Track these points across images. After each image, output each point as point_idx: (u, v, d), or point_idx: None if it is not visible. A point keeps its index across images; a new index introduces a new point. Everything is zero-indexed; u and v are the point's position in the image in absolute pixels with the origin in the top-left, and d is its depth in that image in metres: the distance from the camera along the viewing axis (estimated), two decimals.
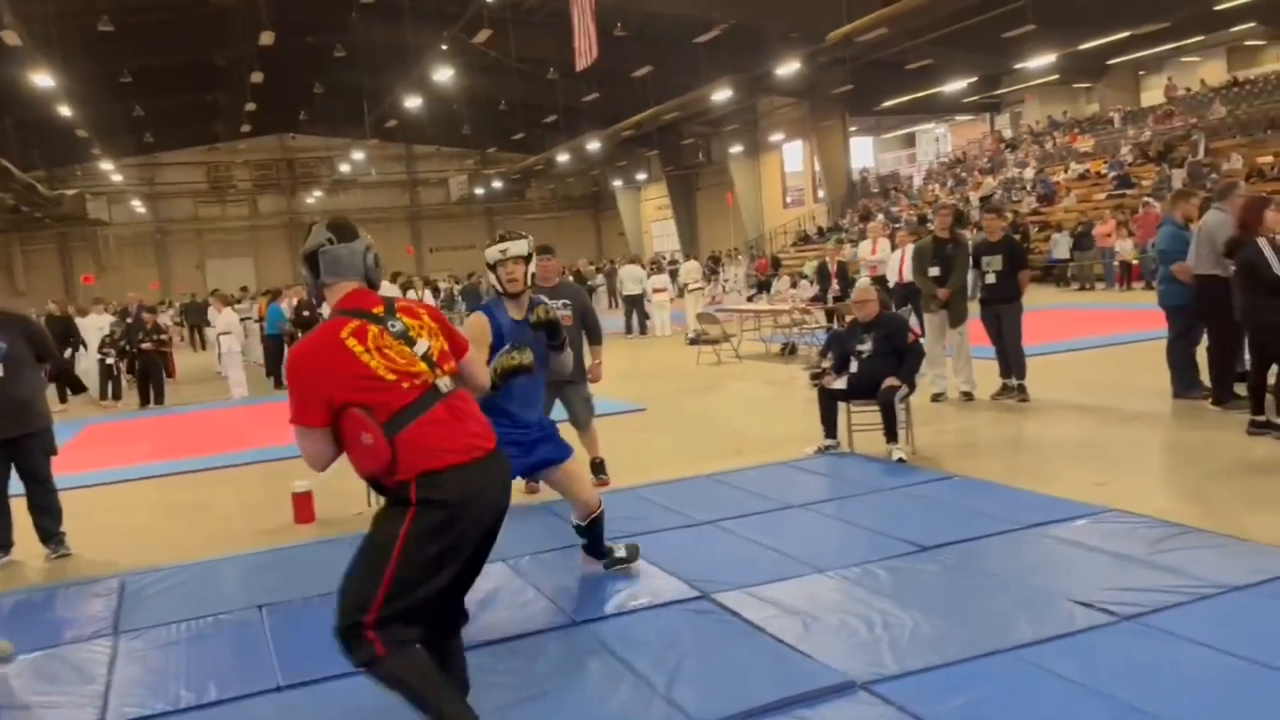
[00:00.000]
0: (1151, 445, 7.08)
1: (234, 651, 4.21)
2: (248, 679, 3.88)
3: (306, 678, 3.85)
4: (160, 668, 4.10)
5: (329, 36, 29.87)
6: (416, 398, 2.97)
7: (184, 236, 46.08)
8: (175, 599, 4.99)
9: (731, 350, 14.08)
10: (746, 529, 5.42)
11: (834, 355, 7.48)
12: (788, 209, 38.97)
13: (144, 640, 4.43)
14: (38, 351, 6.18)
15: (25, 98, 24.41)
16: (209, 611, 4.70)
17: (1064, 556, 4.66)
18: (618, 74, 30.22)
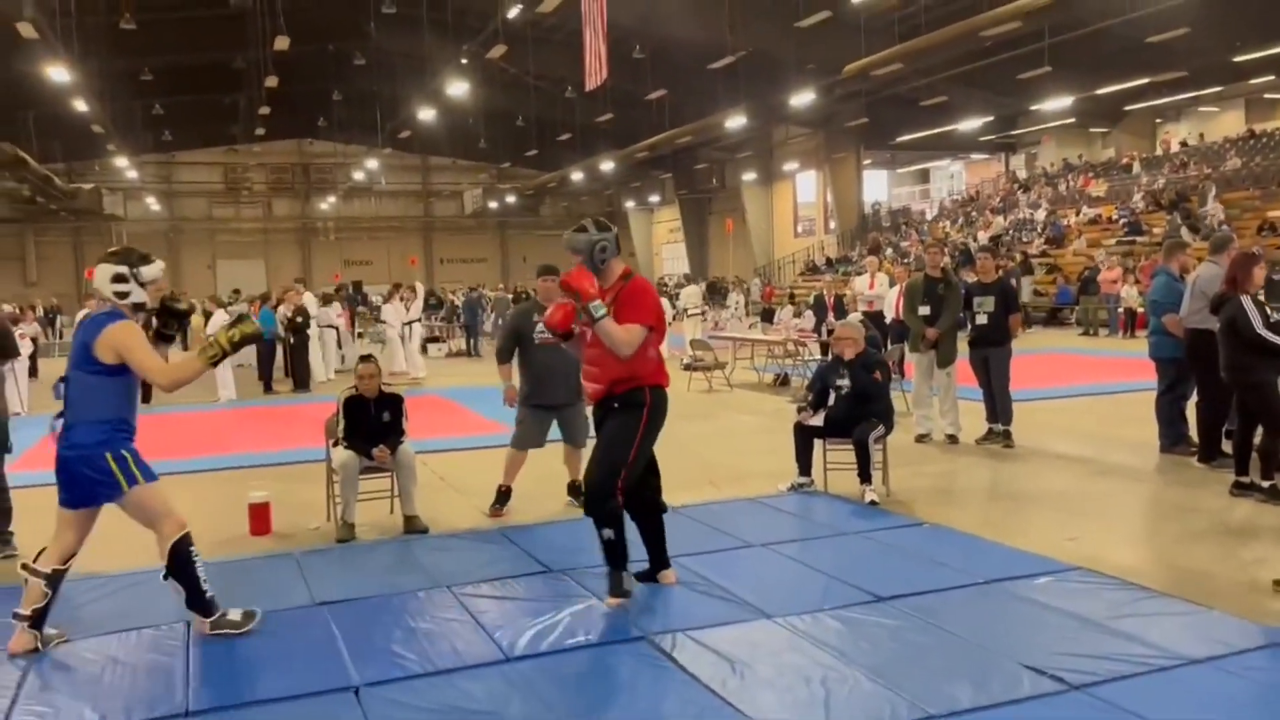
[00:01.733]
0: (1130, 501, 6.91)
1: (150, 671, 4.07)
2: (155, 702, 3.74)
3: (216, 704, 3.71)
4: (71, 686, 3.97)
5: (349, 45, 30.02)
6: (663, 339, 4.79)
7: (197, 236, 46.27)
8: (107, 609, 4.86)
9: (724, 378, 13.94)
10: (700, 566, 5.26)
11: (815, 390, 7.35)
12: (798, 238, 38.92)
13: (64, 653, 4.30)
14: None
15: (47, 91, 24.53)
16: (137, 624, 4.56)
17: (1022, 616, 4.50)
18: (634, 96, 30.26)
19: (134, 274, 4.39)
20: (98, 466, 4.19)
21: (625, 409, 4.65)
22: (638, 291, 4.66)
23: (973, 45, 20.98)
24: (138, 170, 41.11)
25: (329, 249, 48.08)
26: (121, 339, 4.23)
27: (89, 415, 4.25)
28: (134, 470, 4.26)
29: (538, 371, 6.61)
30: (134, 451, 4.31)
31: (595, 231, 4.69)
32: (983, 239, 27.22)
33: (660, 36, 25.71)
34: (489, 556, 5.69)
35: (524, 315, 6.77)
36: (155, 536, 4.37)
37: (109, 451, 4.20)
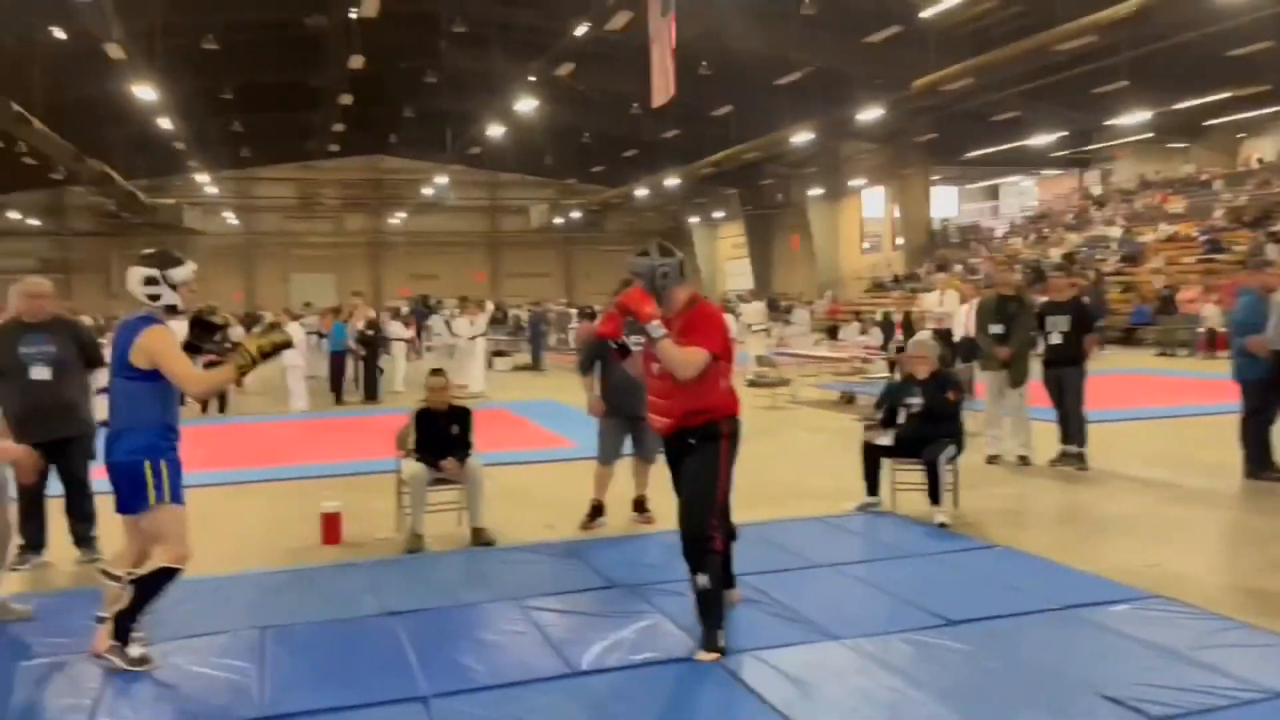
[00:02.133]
0: (1212, 527, 6.69)
1: (225, 676, 4.17)
2: (230, 707, 3.83)
3: (290, 709, 3.79)
4: (149, 689, 4.07)
5: (421, 63, 30.58)
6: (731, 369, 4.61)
7: (271, 250, 47.40)
8: (183, 614, 4.96)
9: (789, 395, 13.85)
10: (767, 585, 5.23)
11: (884, 409, 7.27)
12: (865, 254, 38.56)
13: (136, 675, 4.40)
14: (87, 357, 6.30)
15: (133, 110, 25.44)
16: (211, 630, 4.68)
17: (1100, 644, 4.38)
18: (699, 112, 30.32)
19: (164, 276, 4.35)
20: (134, 474, 4.16)
21: (703, 444, 4.47)
22: (703, 317, 4.49)
23: (1047, 59, 20.64)
24: (216, 186, 42.30)
25: (398, 263, 48.90)
26: (153, 344, 4.20)
27: (131, 422, 4.22)
28: (165, 487, 4.19)
29: (617, 383, 6.62)
30: (174, 464, 4.26)
31: (658, 256, 4.50)
32: (1055, 256, 26.69)
33: (727, 52, 25.73)
34: (555, 570, 5.72)
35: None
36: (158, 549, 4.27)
37: (148, 459, 4.17)
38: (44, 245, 43.80)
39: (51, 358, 6.00)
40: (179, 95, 25.89)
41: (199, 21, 23.56)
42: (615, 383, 6.66)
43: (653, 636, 4.54)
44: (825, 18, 22.81)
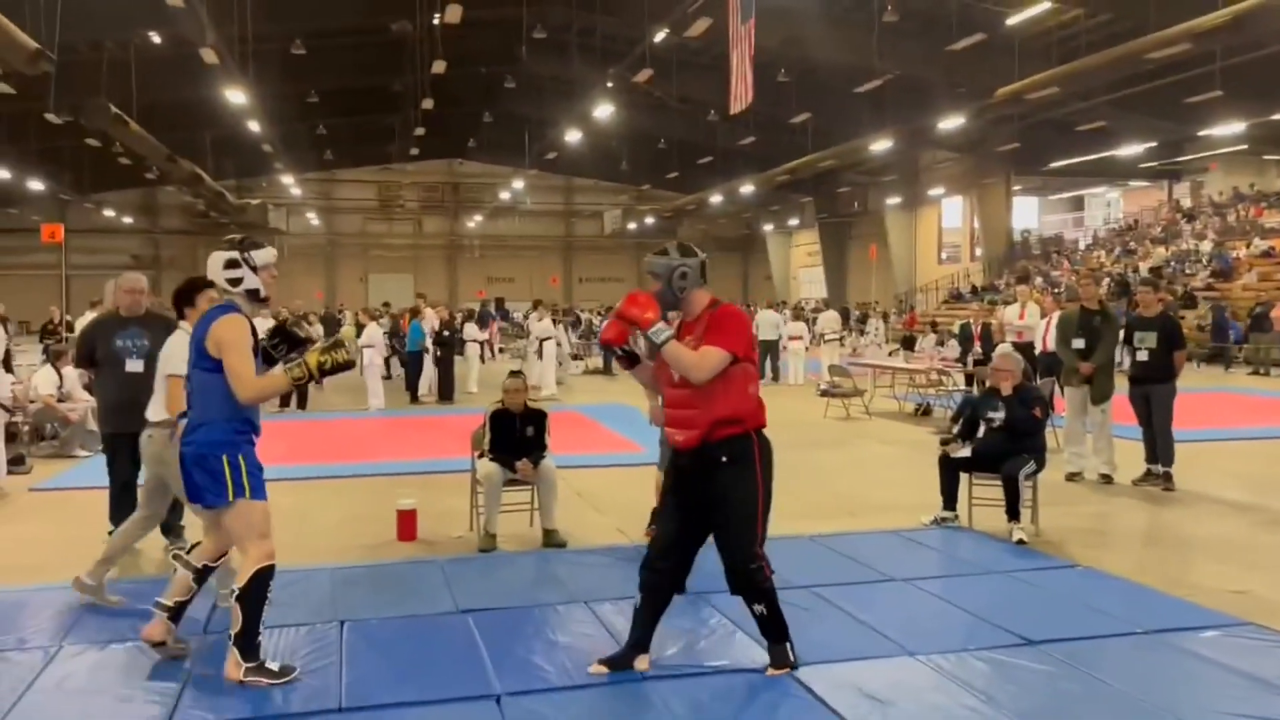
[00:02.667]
0: None
1: (308, 665, 4.25)
2: (310, 697, 3.91)
3: (369, 702, 3.85)
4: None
5: (501, 68, 31.00)
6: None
7: (351, 250, 48.45)
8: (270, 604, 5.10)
9: (862, 406, 13.68)
10: (841, 598, 5.17)
11: (963, 422, 7.15)
12: (942, 265, 37.95)
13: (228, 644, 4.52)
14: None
15: (224, 113, 26.26)
16: (291, 622, 4.78)
17: (1186, 670, 4.25)
18: (776, 119, 30.17)
19: (245, 258, 4.19)
20: (211, 468, 4.02)
21: (735, 465, 4.01)
22: (725, 317, 4.08)
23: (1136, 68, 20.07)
24: (300, 187, 43.38)
25: (474, 265, 49.59)
26: (222, 333, 4.01)
27: (209, 414, 4.06)
28: (245, 482, 4.05)
29: None
30: (252, 459, 4.12)
31: (678, 255, 4.13)
32: (1143, 270, 25.95)
33: (807, 60, 25.58)
34: (625, 574, 5.70)
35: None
36: (237, 553, 4.18)
37: (226, 454, 4.03)
38: (136, 242, 45.38)
39: (145, 351, 6.20)
40: (267, 98, 26.61)
41: (288, 27, 24.20)
42: None
43: (724, 644, 4.52)
44: (907, 26, 22.54)
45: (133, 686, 4.09)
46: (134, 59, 23.36)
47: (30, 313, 34.15)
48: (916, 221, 38.55)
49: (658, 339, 3.94)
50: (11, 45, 15.61)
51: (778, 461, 4.22)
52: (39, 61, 15.99)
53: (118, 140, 26.33)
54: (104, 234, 43.24)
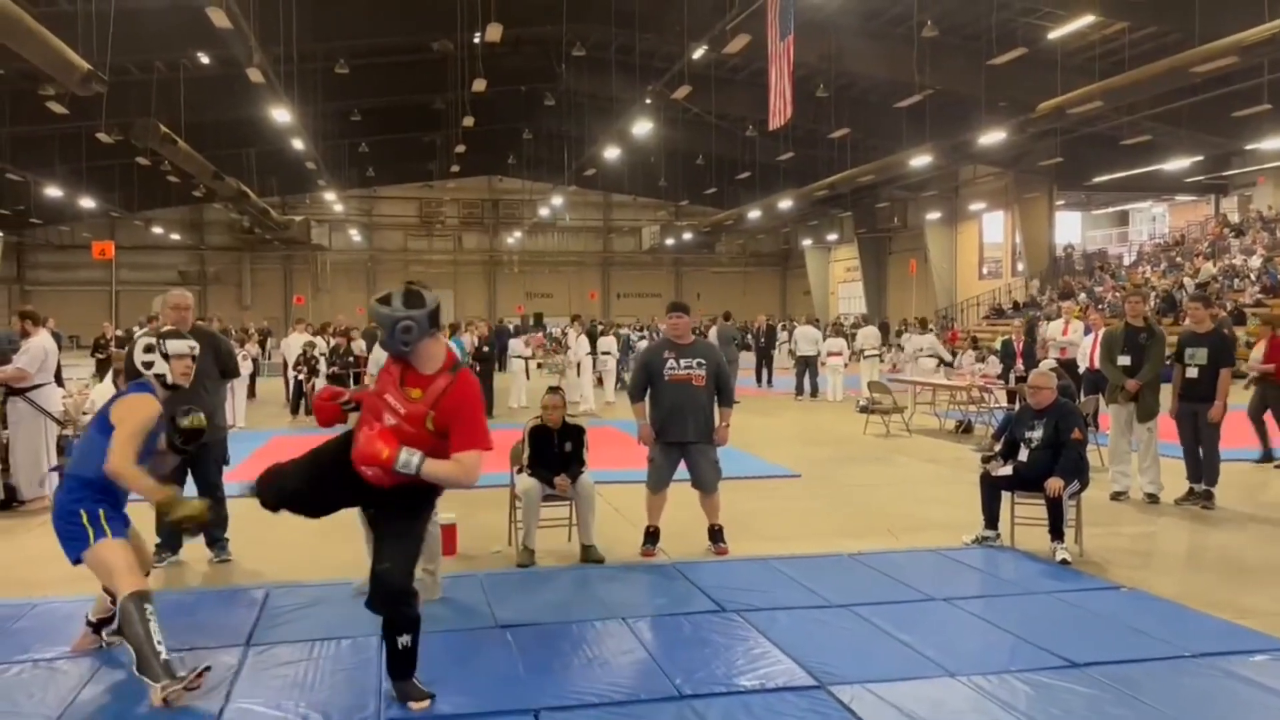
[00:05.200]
0: None
1: (347, 678, 4.30)
2: (351, 710, 3.95)
3: (407, 715, 3.88)
4: (276, 687, 4.23)
5: (539, 86, 31.27)
6: None
7: (392, 266, 48.96)
8: (307, 618, 5.17)
9: (902, 423, 13.57)
10: (881, 617, 5.12)
11: (1004, 440, 7.08)
12: (983, 280, 37.60)
13: (270, 657, 4.59)
14: (222, 368, 6.61)
15: (269, 131, 26.74)
16: (334, 635, 4.83)
17: (1235, 695, 4.16)
18: (815, 134, 30.13)
19: (160, 345, 4.52)
20: (72, 522, 4.21)
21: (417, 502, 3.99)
22: (468, 403, 3.80)
23: (1182, 81, 19.80)
24: (343, 204, 44.00)
25: (513, 281, 49.91)
26: (122, 409, 4.30)
27: (85, 470, 4.27)
28: (104, 526, 4.22)
29: (667, 409, 6.57)
30: (112, 511, 4.29)
31: (401, 307, 3.82)
32: (1189, 286, 25.52)
33: (846, 75, 25.56)
34: (663, 591, 5.72)
35: (654, 353, 6.76)
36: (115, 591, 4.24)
37: (84, 509, 4.22)
38: (183, 258, 46.23)
39: None
40: (311, 117, 27.07)
41: (332, 47, 24.63)
42: (665, 409, 6.58)
43: (761, 663, 4.49)
44: (948, 40, 22.44)
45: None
46: (183, 79, 23.89)
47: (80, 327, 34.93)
48: (957, 236, 38.25)
49: (409, 471, 3.69)
50: (65, 66, 16.02)
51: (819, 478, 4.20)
52: (91, 82, 16.40)
53: (166, 158, 26.89)
54: (152, 250, 44.12)
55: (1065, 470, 6.41)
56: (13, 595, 5.65)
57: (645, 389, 6.68)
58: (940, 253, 38.10)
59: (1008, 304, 33.41)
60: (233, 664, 4.46)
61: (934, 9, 21.13)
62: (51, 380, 8.78)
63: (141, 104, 23.78)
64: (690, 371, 6.55)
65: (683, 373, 6.54)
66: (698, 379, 6.55)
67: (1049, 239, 34.55)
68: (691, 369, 6.56)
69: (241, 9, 16.85)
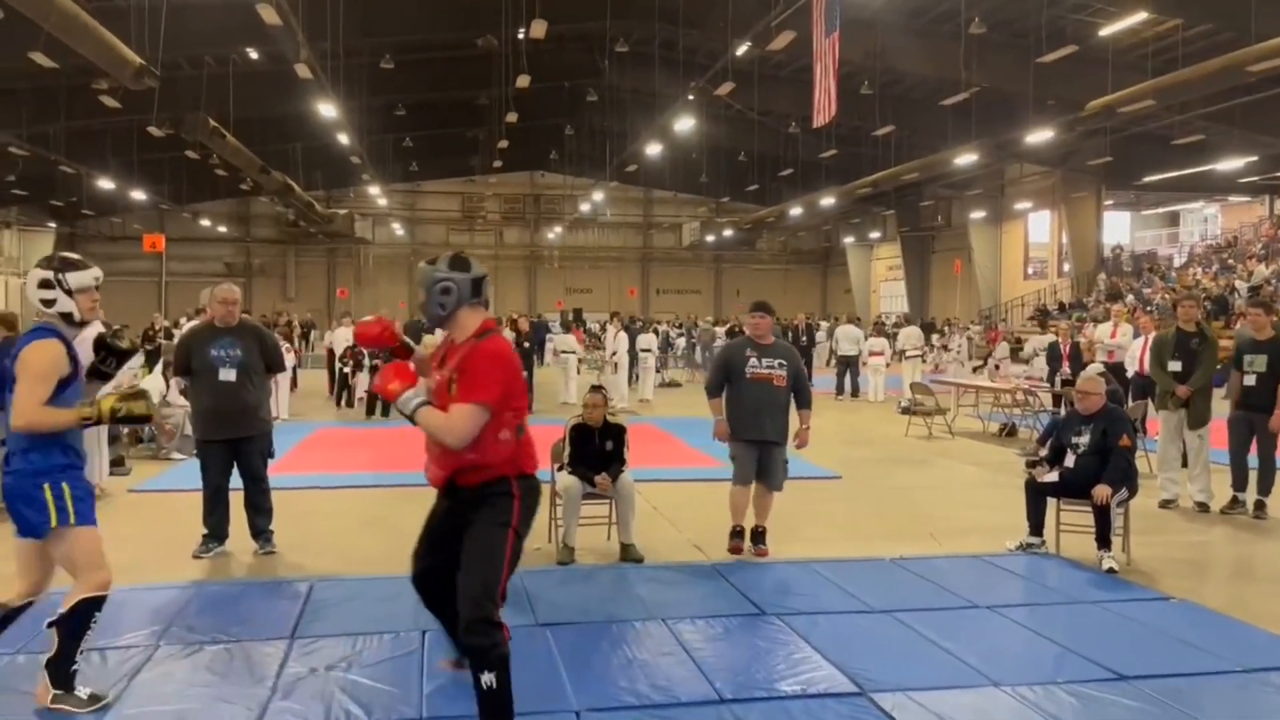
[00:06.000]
0: None
1: (390, 673, 4.34)
2: (395, 704, 3.98)
3: (448, 713, 3.90)
4: (320, 680, 4.28)
5: (582, 82, 31.29)
6: (527, 413, 3.79)
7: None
8: (351, 611, 5.22)
9: (945, 425, 13.43)
10: (923, 624, 5.07)
11: (1050, 445, 6.97)
12: (1028, 280, 37.08)
13: (314, 649, 4.64)
14: (268, 362, 6.70)
15: (315, 125, 27.03)
16: (378, 629, 4.88)
17: None
18: (859, 131, 29.85)
19: (59, 279, 3.93)
20: (32, 496, 3.77)
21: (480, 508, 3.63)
22: (483, 358, 3.55)
23: (1237, 80, 19.35)
24: (386, 198, 44.32)
25: (553, 276, 50.03)
26: (23, 355, 3.80)
27: (26, 441, 3.80)
28: (70, 508, 3.79)
29: (747, 407, 6.56)
30: (77, 485, 3.85)
31: (444, 268, 3.70)
32: (1241, 288, 24.99)
33: (891, 72, 25.29)
34: (703, 592, 5.71)
35: (735, 351, 6.75)
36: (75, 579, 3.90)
37: (47, 482, 3.77)
38: (229, 251, 46.85)
39: (238, 361, 6.40)
40: (356, 112, 27.28)
41: (378, 43, 24.81)
42: (745, 408, 6.56)
43: (802, 668, 4.47)
44: (996, 37, 22.12)
45: (226, 686, 4.21)
46: (232, 74, 24.20)
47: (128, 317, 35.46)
48: (1002, 236, 37.74)
49: (406, 410, 3.54)
50: (119, 61, 16.30)
51: (860, 480, 4.15)
52: (143, 77, 16.68)
53: (215, 152, 27.25)
54: (199, 242, 44.75)
55: (1113, 477, 6.30)
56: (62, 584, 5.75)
57: (723, 386, 6.69)
58: (984, 252, 37.63)
59: (1053, 305, 32.92)
60: (278, 656, 4.52)
61: (981, 5, 20.85)
62: None
63: (192, 98, 24.13)
64: (772, 371, 6.58)
65: (764, 372, 6.55)
66: (779, 379, 6.58)
67: (1097, 239, 33.99)
68: (773, 369, 6.59)
69: (290, 5, 17.03)
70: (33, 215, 40.01)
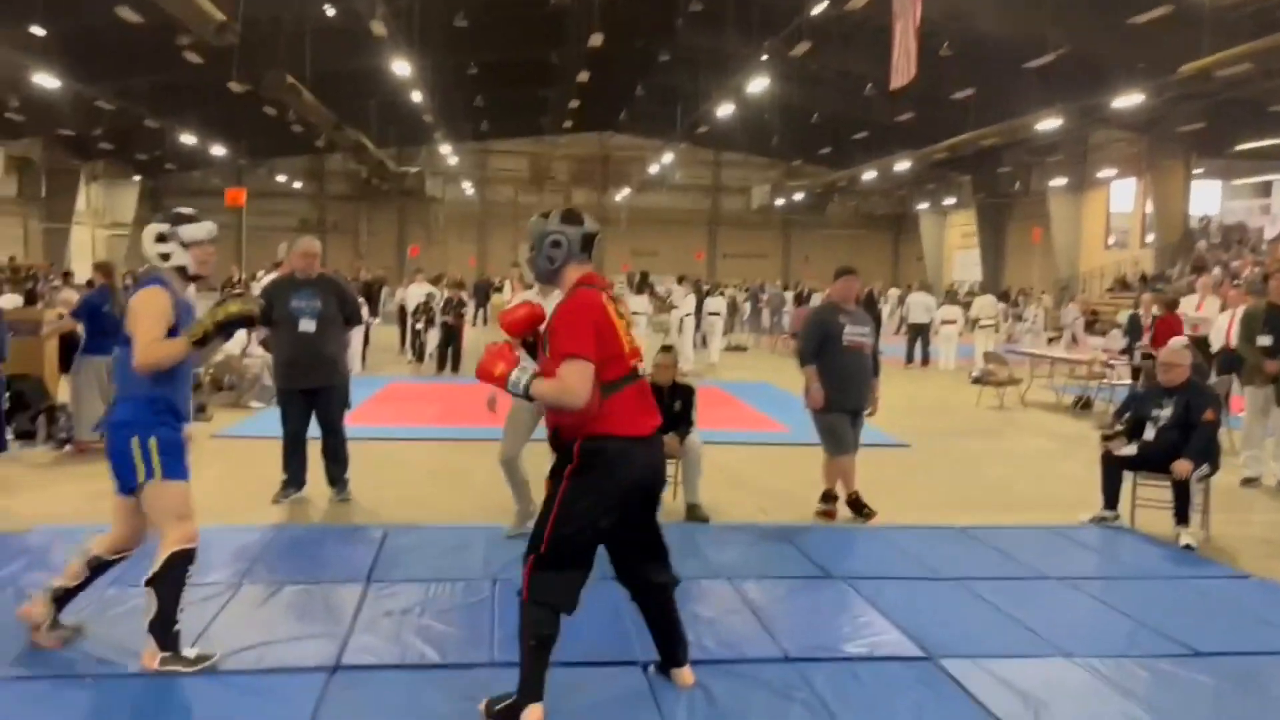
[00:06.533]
0: None
1: (462, 620, 4.44)
2: (467, 648, 4.08)
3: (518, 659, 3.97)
4: (395, 622, 4.40)
5: (656, 41, 31.02)
6: (628, 373, 3.54)
7: (502, 220, 49.58)
8: (423, 558, 5.35)
9: (1018, 395, 13.19)
10: (992, 593, 5.02)
11: (1129, 418, 6.81)
12: (1109, 250, 36.04)
13: (389, 593, 4.77)
14: (346, 314, 6.83)
15: (388, 83, 27.26)
16: (450, 576, 4.99)
17: None
18: (937, 94, 29.11)
19: (174, 233, 3.97)
20: (120, 449, 3.84)
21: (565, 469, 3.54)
22: (566, 313, 3.45)
23: None
24: (457, 157, 44.64)
25: (620, 238, 49.92)
26: (135, 303, 3.87)
27: (126, 391, 3.91)
28: (155, 463, 3.81)
29: (843, 375, 6.48)
30: (167, 439, 3.86)
31: (556, 221, 3.60)
32: None
33: (973, 33, 24.58)
34: (768, 554, 5.72)
35: (829, 316, 6.66)
36: (162, 535, 3.89)
37: (136, 435, 3.81)
38: (304, 206, 47.69)
39: (317, 312, 6.54)
40: (429, 70, 27.43)
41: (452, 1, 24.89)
42: (841, 375, 6.49)
43: (868, 632, 4.46)
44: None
45: (306, 624, 4.36)
46: (309, 31, 24.48)
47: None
48: (1082, 204, 36.66)
49: (517, 391, 3.45)
50: (202, 17, 16.60)
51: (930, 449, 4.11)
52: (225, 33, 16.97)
53: (292, 109, 27.69)
54: (275, 197, 45.59)
55: (1195, 452, 6.14)
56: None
57: (818, 353, 6.55)
58: (1063, 220, 36.61)
59: (1134, 276, 31.98)
60: (355, 598, 4.65)
61: None
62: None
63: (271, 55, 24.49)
64: (865, 339, 6.57)
65: (858, 339, 6.53)
66: (869, 346, 6.59)
67: (1183, 209, 32.83)
68: (865, 336, 6.59)
69: None
70: (118, 168, 41.11)
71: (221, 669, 3.87)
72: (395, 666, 3.95)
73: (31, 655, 3.90)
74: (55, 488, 7.17)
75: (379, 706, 3.62)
